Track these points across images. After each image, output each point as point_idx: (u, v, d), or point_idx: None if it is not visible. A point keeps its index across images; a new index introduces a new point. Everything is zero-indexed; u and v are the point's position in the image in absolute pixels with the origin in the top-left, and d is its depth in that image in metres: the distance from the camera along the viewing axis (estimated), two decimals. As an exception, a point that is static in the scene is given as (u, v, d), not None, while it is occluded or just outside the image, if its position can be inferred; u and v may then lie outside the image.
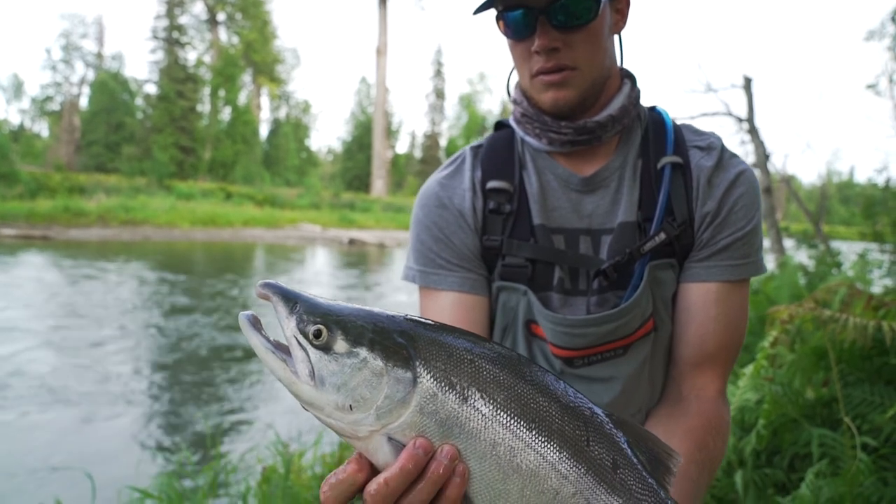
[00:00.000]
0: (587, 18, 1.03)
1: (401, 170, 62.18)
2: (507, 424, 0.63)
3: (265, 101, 59.89)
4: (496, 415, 0.63)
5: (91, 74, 51.60)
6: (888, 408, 2.45)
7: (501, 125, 1.25)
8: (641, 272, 1.09)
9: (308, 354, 0.65)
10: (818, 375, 2.88)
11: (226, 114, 48.77)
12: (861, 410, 2.54)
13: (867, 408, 2.54)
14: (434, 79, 62.37)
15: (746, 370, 2.83)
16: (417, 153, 64.52)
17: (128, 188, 32.56)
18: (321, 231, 31.81)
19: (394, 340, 0.65)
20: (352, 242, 29.19)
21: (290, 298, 0.67)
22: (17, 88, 63.83)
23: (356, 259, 23.08)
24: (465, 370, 0.64)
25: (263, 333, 0.66)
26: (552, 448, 0.64)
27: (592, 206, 1.14)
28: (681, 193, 1.11)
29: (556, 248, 1.12)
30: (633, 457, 0.67)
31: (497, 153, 1.20)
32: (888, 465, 2.42)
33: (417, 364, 0.64)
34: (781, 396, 2.74)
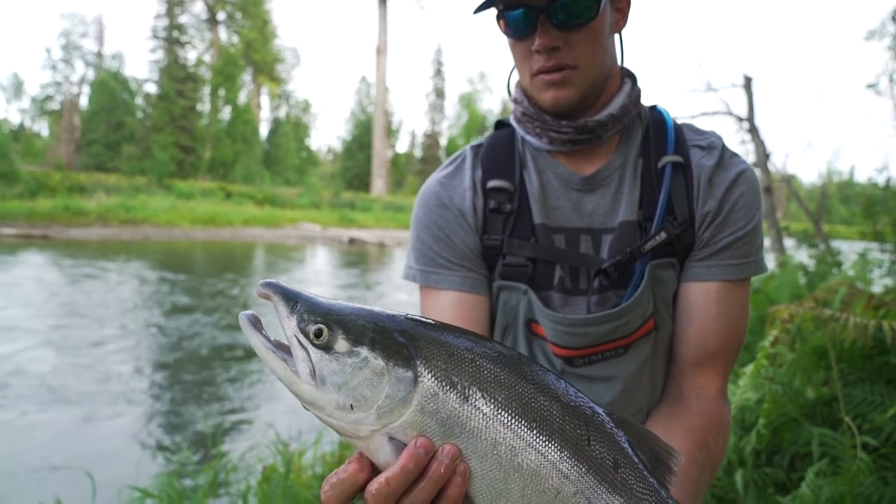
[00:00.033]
0: (588, 17, 1.03)
1: (401, 169, 62.17)
2: (509, 424, 0.63)
3: (265, 101, 59.95)
4: (497, 414, 0.63)
5: (91, 74, 51.61)
6: (888, 407, 2.45)
7: (502, 124, 1.25)
8: (642, 271, 1.09)
9: (309, 354, 0.65)
10: (818, 375, 2.88)
11: (226, 113, 48.77)
12: (861, 410, 2.54)
13: (867, 407, 2.54)
14: (434, 78, 62.38)
15: (747, 369, 2.83)
16: (417, 152, 64.51)
17: (128, 187, 32.56)
18: (321, 230, 31.81)
19: (395, 340, 0.65)
20: (352, 242, 29.19)
21: (291, 298, 0.67)
22: (17, 88, 63.89)
23: (356, 258, 23.08)
24: (467, 369, 0.64)
25: (264, 333, 0.66)
26: (553, 447, 0.64)
27: (593, 206, 1.14)
28: (681, 193, 1.11)
29: (557, 248, 1.12)
30: (635, 456, 0.67)
31: (497, 152, 1.20)
32: (888, 465, 2.42)
33: (418, 363, 0.64)
34: (782, 396, 2.74)
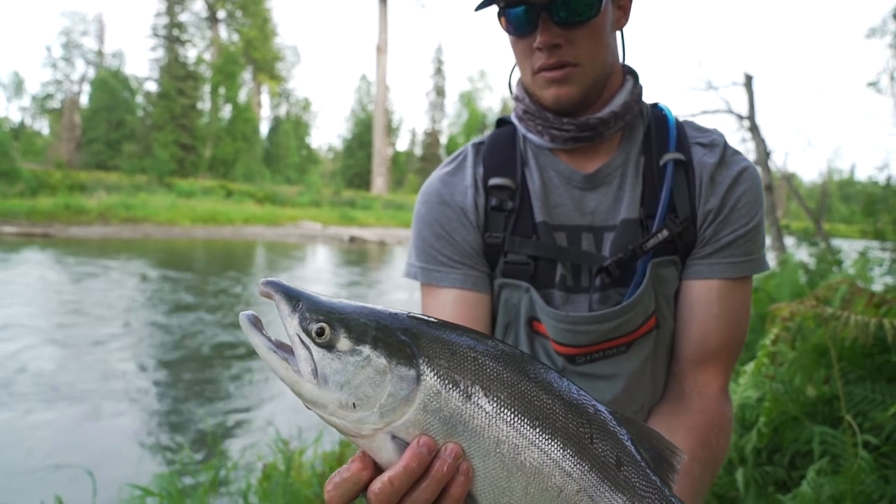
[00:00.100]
0: (589, 15, 1.03)
1: (401, 167, 62.14)
2: (511, 422, 0.63)
3: (265, 99, 59.91)
4: (500, 412, 0.63)
5: (91, 72, 51.58)
6: (889, 405, 2.45)
7: (503, 122, 1.25)
8: (644, 269, 1.09)
9: (311, 353, 0.64)
10: (819, 373, 2.88)
11: (226, 111, 48.74)
12: (862, 408, 2.54)
13: (868, 405, 2.54)
14: (434, 76, 62.33)
15: (747, 368, 2.83)
16: (418, 151, 64.49)
17: (128, 186, 32.55)
18: (322, 229, 31.80)
19: (397, 338, 0.65)
20: (352, 240, 29.19)
21: (293, 296, 0.67)
22: (18, 86, 63.84)
23: (357, 257, 23.08)
24: (469, 368, 0.64)
25: (264, 333, 0.66)
26: (556, 445, 0.63)
27: (595, 203, 1.14)
28: (683, 190, 1.11)
29: (559, 246, 1.12)
30: (637, 454, 0.67)
31: (499, 150, 1.20)
32: (889, 463, 2.42)
33: (421, 362, 0.64)
34: (782, 394, 2.73)
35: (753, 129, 9.07)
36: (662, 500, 0.65)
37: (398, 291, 14.13)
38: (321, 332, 0.64)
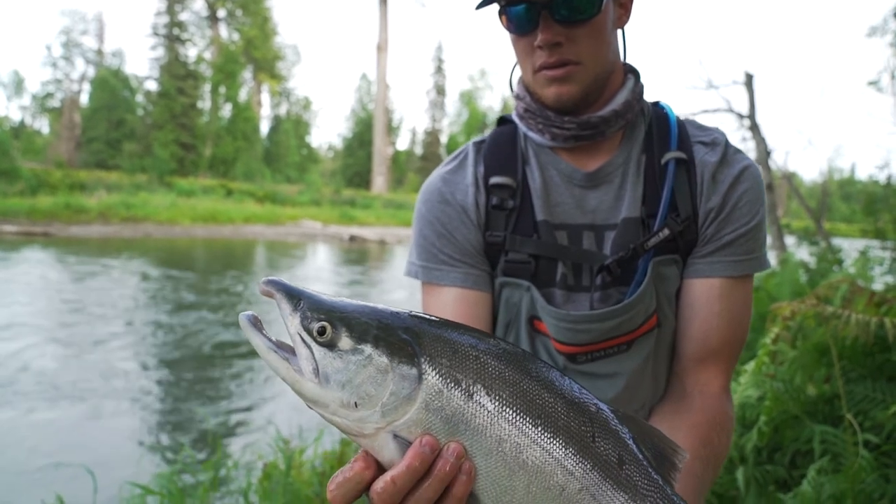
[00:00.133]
0: (590, 13, 1.03)
1: (401, 166, 62.12)
2: (513, 421, 0.63)
3: (266, 98, 59.90)
4: (502, 411, 0.63)
5: (91, 71, 51.56)
6: (890, 404, 2.44)
7: (504, 121, 1.25)
8: (645, 268, 1.09)
9: (312, 352, 0.64)
10: (820, 372, 2.88)
11: (226, 110, 48.74)
12: (863, 407, 2.54)
13: (869, 404, 2.54)
14: (435, 75, 62.30)
15: (748, 367, 2.83)
16: (418, 150, 64.46)
17: (128, 185, 32.56)
18: (322, 228, 31.81)
19: (398, 337, 0.65)
20: (352, 239, 29.19)
21: (294, 295, 0.67)
22: (18, 85, 63.82)
23: (357, 256, 23.08)
24: (471, 366, 0.64)
25: (265, 333, 0.66)
26: (558, 444, 0.63)
27: (596, 202, 1.14)
28: (685, 189, 1.11)
29: (560, 244, 1.12)
30: (639, 453, 0.67)
31: (500, 149, 1.20)
32: (890, 462, 2.42)
33: (422, 360, 0.64)
34: (783, 393, 2.73)
35: (754, 128, 9.06)
36: (664, 499, 0.65)
37: (399, 290, 14.13)
38: (322, 331, 0.64)
